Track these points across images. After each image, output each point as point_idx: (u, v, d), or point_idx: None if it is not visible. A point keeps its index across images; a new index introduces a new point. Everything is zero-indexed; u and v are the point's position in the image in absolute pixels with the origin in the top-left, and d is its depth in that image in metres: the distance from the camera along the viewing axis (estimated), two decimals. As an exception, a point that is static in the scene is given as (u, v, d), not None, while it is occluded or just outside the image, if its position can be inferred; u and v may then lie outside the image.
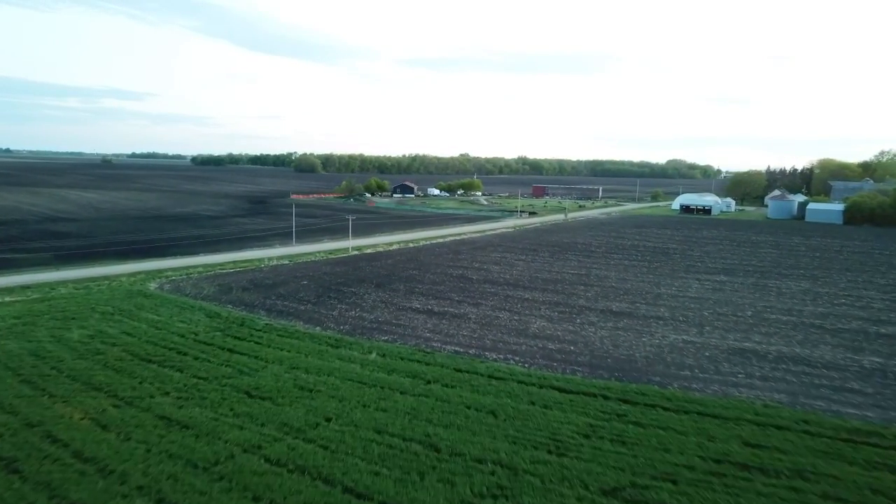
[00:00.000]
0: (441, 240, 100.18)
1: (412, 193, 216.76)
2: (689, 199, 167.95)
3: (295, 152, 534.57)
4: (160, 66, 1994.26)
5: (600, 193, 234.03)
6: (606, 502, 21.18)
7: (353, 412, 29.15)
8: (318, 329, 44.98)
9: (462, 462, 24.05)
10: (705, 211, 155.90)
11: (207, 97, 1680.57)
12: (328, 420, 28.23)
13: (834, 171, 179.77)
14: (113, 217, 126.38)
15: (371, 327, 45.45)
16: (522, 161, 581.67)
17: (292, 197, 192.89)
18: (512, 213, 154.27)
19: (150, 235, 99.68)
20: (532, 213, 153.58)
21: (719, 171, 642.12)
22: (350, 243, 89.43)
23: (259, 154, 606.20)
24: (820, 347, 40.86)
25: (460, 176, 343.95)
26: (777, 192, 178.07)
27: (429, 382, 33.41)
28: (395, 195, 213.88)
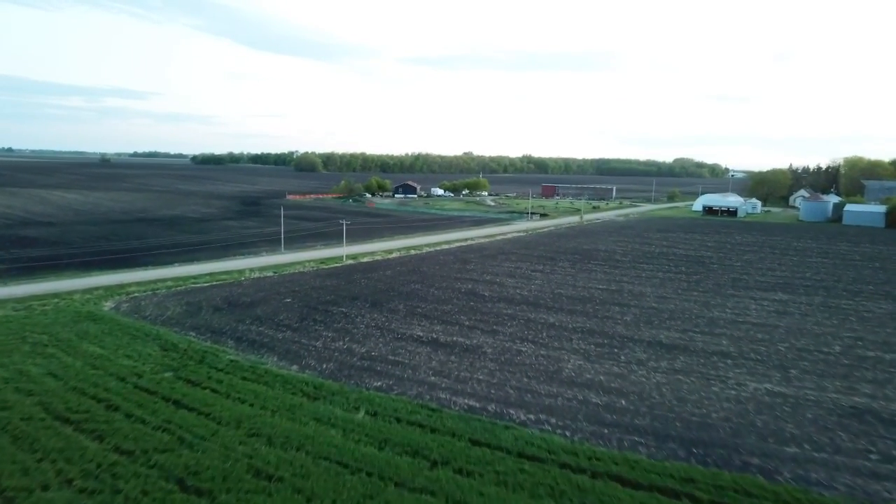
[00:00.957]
0: (446, 246, 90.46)
1: (415, 194, 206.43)
2: (712, 199, 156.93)
3: (297, 151, 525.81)
4: (163, 65, 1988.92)
5: (614, 193, 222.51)
6: None
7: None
8: (294, 369, 35.91)
9: None
10: (730, 212, 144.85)
11: (211, 96, 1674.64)
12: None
13: (864, 170, 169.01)
14: (91, 220, 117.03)
15: (361, 366, 36.25)
16: (527, 160, 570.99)
17: (288, 197, 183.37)
18: (521, 214, 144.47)
19: (126, 242, 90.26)
20: (543, 215, 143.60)
21: (727, 169, 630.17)
22: (344, 251, 79.80)
23: (260, 153, 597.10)
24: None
25: (464, 175, 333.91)
26: (803, 191, 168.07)
27: (435, 465, 23.93)
28: (396, 195, 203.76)
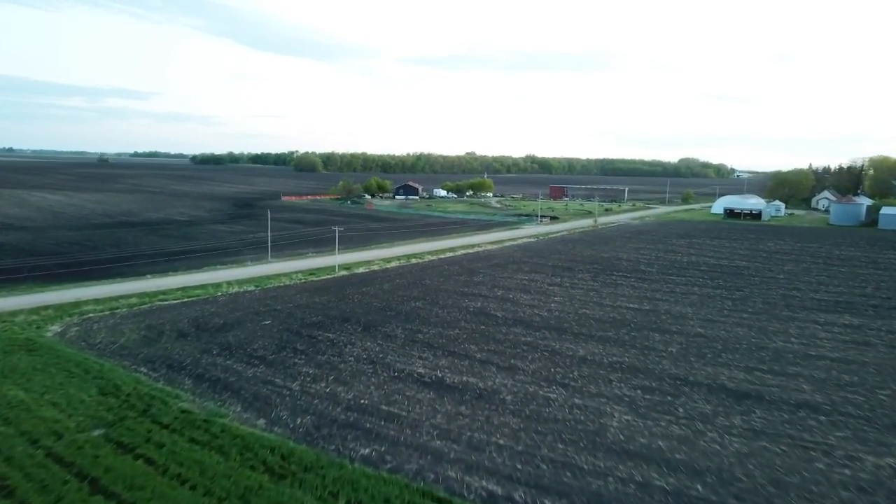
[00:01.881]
0: (451, 254, 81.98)
1: (416, 195, 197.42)
2: (733, 201, 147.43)
3: (297, 151, 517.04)
4: (164, 65, 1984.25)
5: (626, 195, 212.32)
6: None
7: None
8: (260, 425, 28.02)
9: None
10: (754, 216, 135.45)
11: (211, 96, 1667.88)
12: None
13: (892, 170, 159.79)
14: (69, 225, 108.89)
15: (345, 421, 28.23)
16: (531, 160, 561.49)
17: (283, 199, 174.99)
18: (529, 217, 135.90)
19: (101, 249, 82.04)
20: (554, 218, 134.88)
21: (732, 170, 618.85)
22: (337, 260, 71.46)
23: (260, 153, 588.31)
24: None
25: (467, 175, 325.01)
26: (827, 193, 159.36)
27: None
28: (397, 197, 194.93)
